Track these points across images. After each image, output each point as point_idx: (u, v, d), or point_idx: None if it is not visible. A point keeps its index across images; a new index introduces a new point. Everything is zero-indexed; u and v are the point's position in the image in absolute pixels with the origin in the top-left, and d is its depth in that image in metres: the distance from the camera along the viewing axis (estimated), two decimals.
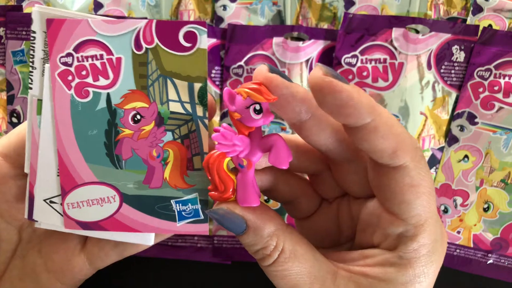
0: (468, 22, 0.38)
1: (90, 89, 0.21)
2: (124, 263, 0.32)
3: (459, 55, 0.38)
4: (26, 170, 0.23)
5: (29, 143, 0.22)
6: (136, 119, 0.21)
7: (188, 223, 0.22)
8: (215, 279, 0.39)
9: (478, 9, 0.38)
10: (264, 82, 0.18)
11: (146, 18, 0.37)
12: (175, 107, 0.21)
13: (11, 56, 0.38)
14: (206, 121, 0.21)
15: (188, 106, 0.21)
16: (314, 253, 0.20)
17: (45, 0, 0.38)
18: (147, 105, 0.21)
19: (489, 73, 0.37)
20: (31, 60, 0.21)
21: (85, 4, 0.38)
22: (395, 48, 0.37)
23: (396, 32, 0.37)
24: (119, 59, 0.21)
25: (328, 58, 0.38)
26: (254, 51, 0.38)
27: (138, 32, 0.21)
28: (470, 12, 0.38)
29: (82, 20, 0.21)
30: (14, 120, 0.38)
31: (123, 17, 0.37)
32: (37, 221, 0.23)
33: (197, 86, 0.21)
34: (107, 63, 0.21)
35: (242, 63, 0.37)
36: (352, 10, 0.38)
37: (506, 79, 0.37)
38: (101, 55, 0.21)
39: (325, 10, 0.39)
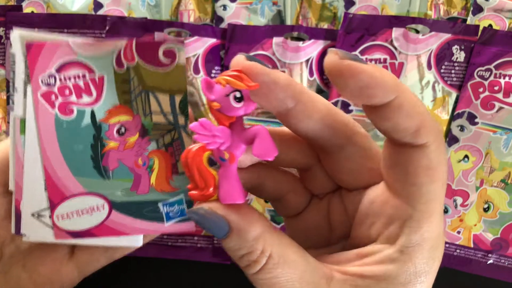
0: (468, 22, 0.38)
1: (74, 107, 0.22)
2: (124, 264, 0.32)
3: (459, 55, 0.38)
4: (11, 187, 0.23)
5: (13, 161, 0.23)
6: (121, 131, 0.23)
7: (175, 222, 0.23)
8: (215, 279, 0.39)
9: (478, 9, 0.38)
10: (243, 71, 0.17)
11: (146, 18, 0.37)
12: (158, 118, 0.23)
13: (10, 56, 0.37)
14: (188, 129, 0.23)
15: (170, 117, 0.23)
16: (305, 256, 0.18)
17: (45, 1, 0.38)
18: (131, 118, 0.23)
19: (489, 73, 0.37)
20: (11, 82, 0.22)
21: (84, 4, 0.38)
22: (395, 48, 0.37)
23: (396, 32, 0.37)
24: (101, 78, 0.22)
25: None
26: (254, 51, 0.37)
27: (119, 51, 0.22)
28: (470, 12, 0.38)
29: (62, 42, 0.22)
30: None
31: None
32: (25, 235, 0.24)
33: (178, 98, 0.22)
34: (90, 82, 0.22)
35: None
36: (352, 10, 0.38)
37: (506, 79, 0.37)
38: (84, 75, 0.22)
39: (325, 10, 0.38)
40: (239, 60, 0.17)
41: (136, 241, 0.24)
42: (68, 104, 0.22)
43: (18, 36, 0.22)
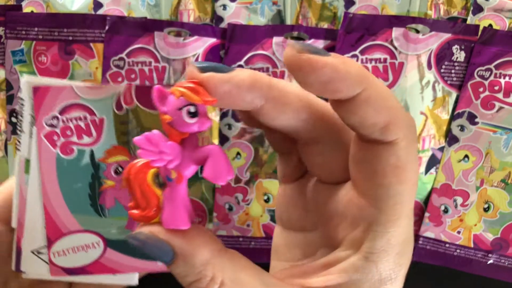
0: (468, 21, 0.38)
1: (75, 147, 0.23)
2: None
3: (459, 55, 0.37)
4: (14, 225, 0.24)
5: (17, 199, 0.24)
6: (118, 171, 0.24)
7: None
8: None
9: (478, 9, 0.38)
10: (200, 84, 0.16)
11: (145, 18, 0.37)
12: None
13: (10, 56, 0.37)
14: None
15: None
16: (262, 277, 0.17)
17: (44, 0, 0.38)
18: (128, 159, 0.24)
19: (489, 73, 0.37)
20: (19, 124, 0.24)
21: (84, 3, 0.38)
22: (395, 48, 0.37)
23: (396, 32, 0.37)
24: (101, 120, 0.23)
25: None
26: (254, 51, 0.37)
27: (119, 95, 0.23)
28: (470, 12, 0.38)
29: (67, 86, 0.23)
30: (14, 120, 0.38)
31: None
32: (24, 272, 0.24)
33: None
34: (91, 123, 0.23)
35: (242, 62, 0.37)
36: (352, 9, 0.38)
37: (507, 79, 0.37)
38: (85, 117, 0.23)
39: (325, 10, 0.38)
40: (192, 73, 0.16)
41: (131, 279, 0.25)
42: (69, 144, 0.23)
43: (26, 81, 0.23)
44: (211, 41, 0.38)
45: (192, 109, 0.16)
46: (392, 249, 0.16)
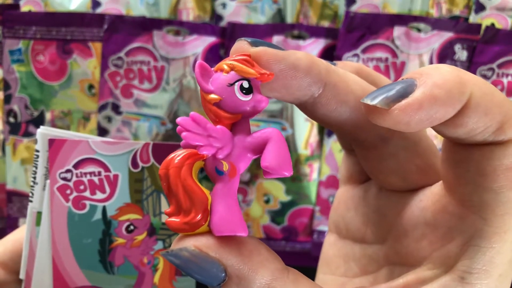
0: (471, 20, 0.38)
1: (87, 202, 0.23)
2: None
3: (462, 54, 0.37)
4: (22, 276, 0.24)
5: (26, 251, 0.24)
6: (129, 229, 0.23)
7: None
8: None
9: (480, 8, 0.37)
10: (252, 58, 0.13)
11: (144, 17, 0.37)
12: None
13: (8, 55, 0.37)
14: None
15: None
16: None
17: None
18: (140, 217, 0.23)
19: (491, 72, 0.37)
20: (33, 176, 0.23)
21: (83, 2, 0.38)
22: (397, 47, 0.37)
23: (397, 31, 0.37)
24: (116, 176, 0.23)
25: (329, 57, 0.37)
26: None
27: (135, 152, 0.23)
28: (473, 11, 0.38)
29: (82, 140, 0.23)
30: (11, 119, 0.38)
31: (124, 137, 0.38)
32: None
33: None
34: (105, 179, 0.23)
35: None
36: (353, 8, 0.38)
37: (509, 78, 0.36)
38: (99, 172, 0.23)
39: (326, 8, 0.38)
40: (240, 47, 0.14)
41: None
42: (82, 199, 0.23)
43: (42, 133, 0.23)
44: (210, 40, 0.37)
45: (245, 84, 0.13)
46: (495, 269, 0.13)
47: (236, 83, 0.13)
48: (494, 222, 0.13)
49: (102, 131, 0.38)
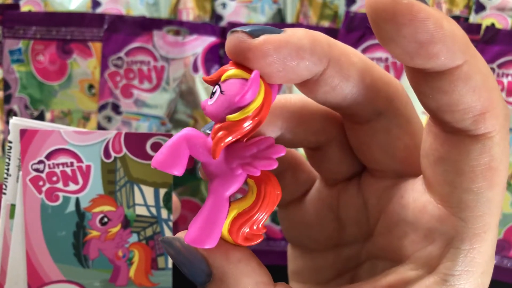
0: (471, 20, 0.38)
1: (60, 194, 0.23)
2: None
3: None
4: None
5: (0, 245, 0.23)
6: (103, 221, 0.23)
7: None
8: None
9: (480, 8, 0.37)
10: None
11: (144, 17, 0.37)
12: (141, 210, 0.23)
13: (8, 55, 0.37)
14: (171, 223, 0.23)
15: (153, 210, 0.23)
16: None
17: None
18: (114, 209, 0.23)
19: (491, 72, 0.37)
20: (6, 167, 0.23)
21: (82, 2, 0.38)
22: None
23: None
24: (88, 167, 0.23)
25: None
26: None
27: (107, 142, 0.23)
28: (473, 11, 0.38)
29: (54, 131, 0.22)
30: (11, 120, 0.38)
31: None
32: None
33: (162, 191, 0.23)
34: (77, 170, 0.23)
35: None
36: (353, 8, 0.38)
37: (509, 78, 0.36)
38: (72, 163, 0.23)
39: (326, 8, 0.38)
40: (240, 44, 0.13)
41: None
42: (55, 190, 0.23)
43: (14, 123, 0.23)
44: (210, 40, 0.37)
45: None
46: (478, 268, 0.13)
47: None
48: (474, 223, 0.13)
49: None
